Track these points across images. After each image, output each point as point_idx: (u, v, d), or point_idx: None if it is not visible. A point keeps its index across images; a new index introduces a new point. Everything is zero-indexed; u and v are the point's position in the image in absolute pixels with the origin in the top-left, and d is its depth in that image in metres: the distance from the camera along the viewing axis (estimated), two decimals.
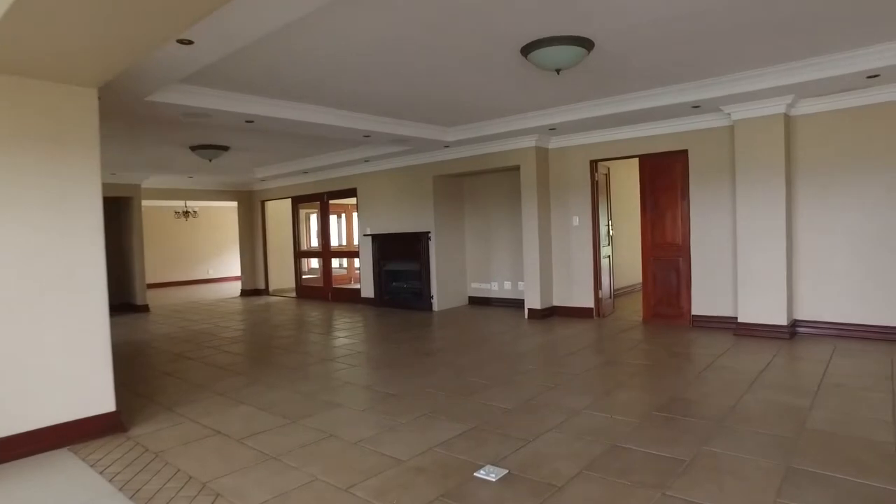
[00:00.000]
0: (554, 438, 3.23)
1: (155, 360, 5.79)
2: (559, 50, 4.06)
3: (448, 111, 6.35)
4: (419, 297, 8.88)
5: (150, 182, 10.45)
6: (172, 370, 5.28)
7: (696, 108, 5.78)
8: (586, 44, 4.06)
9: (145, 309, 9.99)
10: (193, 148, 7.64)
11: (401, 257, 9.16)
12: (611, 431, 3.30)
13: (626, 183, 9.11)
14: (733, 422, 3.38)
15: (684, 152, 6.48)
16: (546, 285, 7.58)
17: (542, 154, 7.50)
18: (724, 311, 6.28)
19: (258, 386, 4.59)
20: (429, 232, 8.69)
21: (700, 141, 6.34)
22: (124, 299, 10.05)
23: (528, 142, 7.32)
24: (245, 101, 5.29)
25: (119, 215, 10.12)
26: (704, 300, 6.43)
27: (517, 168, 7.74)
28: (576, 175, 7.39)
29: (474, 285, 9.14)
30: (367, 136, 6.96)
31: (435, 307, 8.70)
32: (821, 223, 5.69)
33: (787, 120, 5.67)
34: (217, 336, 7.06)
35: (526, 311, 7.61)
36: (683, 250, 6.60)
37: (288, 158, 9.78)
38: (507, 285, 8.70)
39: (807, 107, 5.64)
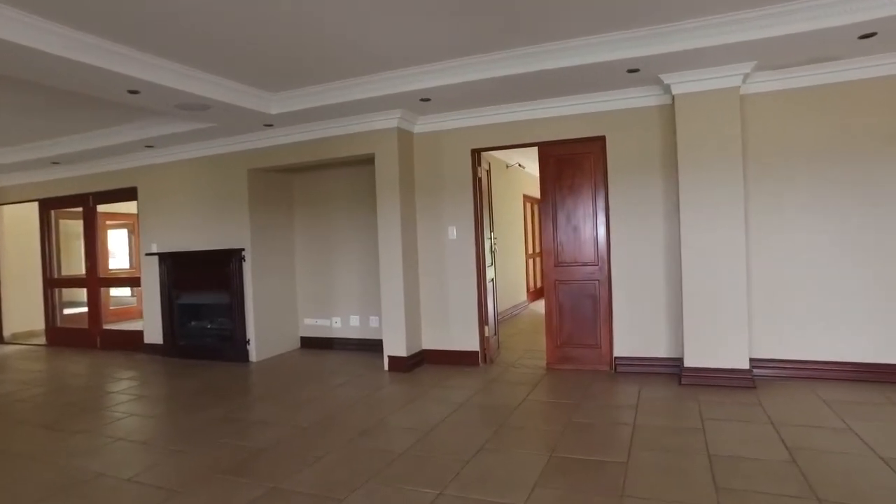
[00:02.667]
0: None
1: None
2: None
3: (271, 60, 3.98)
4: (230, 343, 6.21)
5: None
6: None
7: (633, 72, 4.14)
8: None
9: None
10: None
11: (202, 286, 6.40)
12: None
13: (498, 181, 7.43)
14: None
15: (601, 139, 4.84)
16: (413, 322, 5.46)
17: (406, 139, 5.41)
18: (657, 350, 4.71)
19: None
20: (242, 249, 6.10)
21: (622, 124, 4.74)
22: None
23: (389, 121, 5.18)
24: None
25: None
26: (630, 337, 4.80)
27: (371, 159, 5.56)
28: (453, 170, 5.40)
29: (309, 322, 6.70)
30: (136, 93, 4.29)
31: (253, 356, 6.10)
32: (775, 235, 4.36)
33: (741, 99, 4.29)
34: None
35: (386, 360, 5.40)
36: (601, 271, 4.93)
37: (21, 140, 6.52)
38: (356, 321, 6.42)
39: (765, 82, 4.30)
